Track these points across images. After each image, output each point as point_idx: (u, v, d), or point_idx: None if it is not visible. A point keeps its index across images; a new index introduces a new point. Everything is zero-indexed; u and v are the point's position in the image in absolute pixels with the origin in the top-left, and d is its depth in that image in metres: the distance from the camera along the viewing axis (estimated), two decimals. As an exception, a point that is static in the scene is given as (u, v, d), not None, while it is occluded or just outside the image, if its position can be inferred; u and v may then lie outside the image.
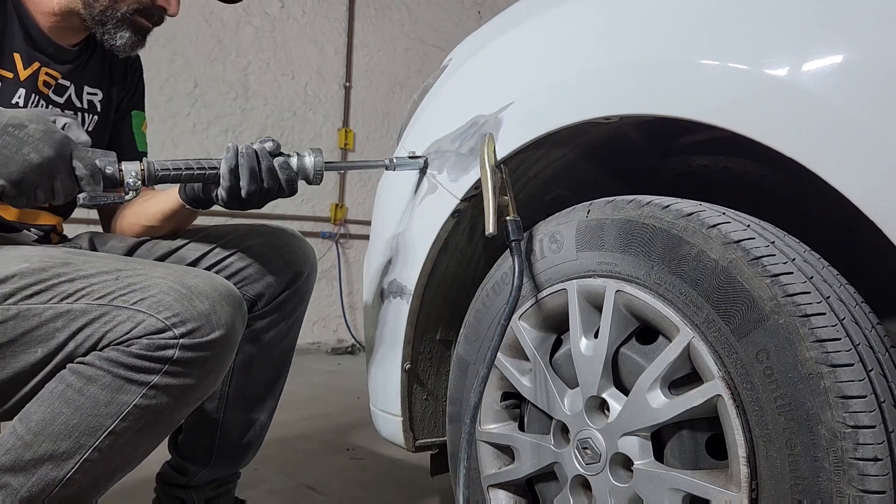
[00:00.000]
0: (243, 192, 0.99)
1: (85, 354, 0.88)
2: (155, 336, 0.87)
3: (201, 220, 1.27)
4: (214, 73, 3.75)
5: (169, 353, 0.87)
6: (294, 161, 1.03)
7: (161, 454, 1.29)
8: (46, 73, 1.15)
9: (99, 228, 1.37)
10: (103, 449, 0.88)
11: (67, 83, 1.19)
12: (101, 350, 0.88)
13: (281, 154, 1.03)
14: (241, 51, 3.86)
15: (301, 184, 1.05)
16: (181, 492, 1.27)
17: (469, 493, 1.05)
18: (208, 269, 1.21)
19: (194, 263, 1.20)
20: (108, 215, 1.35)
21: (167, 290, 0.89)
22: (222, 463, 1.26)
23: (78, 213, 1.30)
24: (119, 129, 1.33)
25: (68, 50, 1.19)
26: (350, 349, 4.11)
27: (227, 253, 1.22)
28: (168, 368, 0.87)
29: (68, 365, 0.89)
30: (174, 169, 0.98)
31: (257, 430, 1.27)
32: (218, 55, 3.76)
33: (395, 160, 1.14)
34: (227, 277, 1.19)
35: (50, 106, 1.17)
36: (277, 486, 1.65)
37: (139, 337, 0.87)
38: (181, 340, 0.87)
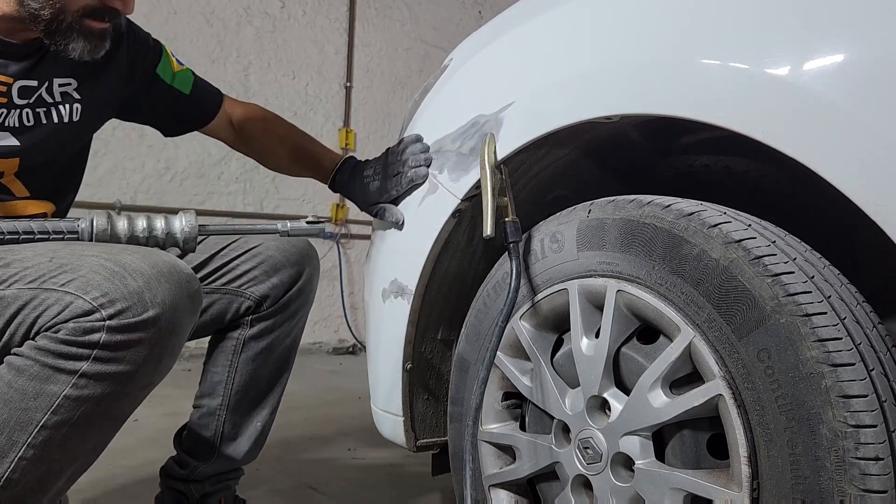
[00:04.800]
0: None
1: (20, 344, 0.83)
2: (81, 319, 0.80)
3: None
4: (215, 74, 3.75)
5: (95, 336, 0.79)
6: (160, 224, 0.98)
7: (166, 453, 1.30)
8: None
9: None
10: (38, 445, 0.82)
11: (33, 83, 1.08)
12: (32, 338, 0.82)
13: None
14: (242, 51, 3.86)
15: (302, 183, 1.03)
16: (181, 485, 1.28)
17: (476, 493, 1.05)
18: (214, 271, 1.22)
19: (199, 266, 1.21)
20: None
21: (97, 268, 0.82)
22: (224, 459, 1.27)
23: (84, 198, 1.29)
24: (158, 100, 1.28)
25: (21, 45, 1.06)
26: (351, 349, 4.11)
27: (233, 255, 1.22)
28: (97, 354, 0.80)
29: (5, 358, 0.83)
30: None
31: (259, 428, 1.28)
32: (219, 55, 3.76)
33: (289, 225, 1.07)
34: (234, 279, 1.20)
35: (8, 112, 1.05)
36: (279, 486, 1.65)
37: (66, 321, 0.80)
38: (107, 322, 0.79)
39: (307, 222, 1.07)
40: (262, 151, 1.40)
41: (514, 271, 0.95)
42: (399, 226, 1.15)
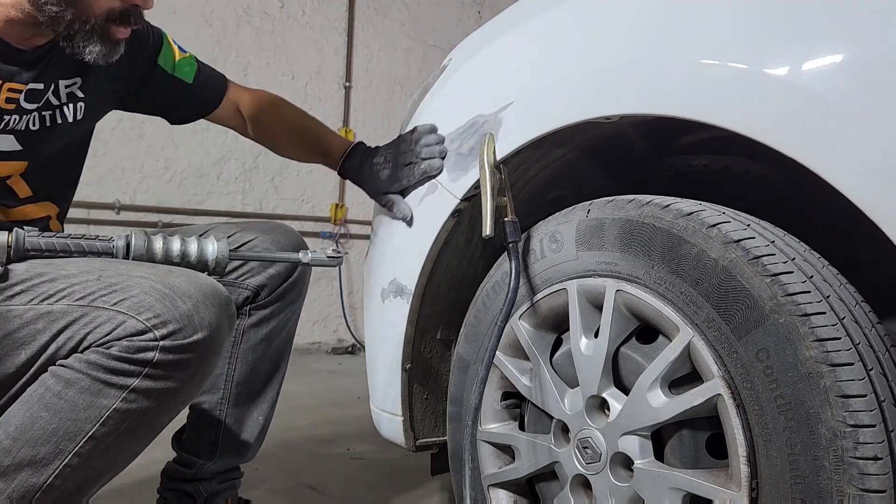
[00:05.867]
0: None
1: (66, 357, 0.86)
2: (135, 338, 0.84)
3: (199, 220, 1.28)
4: (214, 74, 3.75)
5: (149, 355, 0.84)
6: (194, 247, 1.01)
7: (165, 453, 1.30)
8: (9, 90, 1.02)
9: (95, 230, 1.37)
10: (83, 454, 0.86)
11: (40, 86, 1.07)
12: (81, 352, 0.85)
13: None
14: (242, 51, 3.86)
15: (301, 183, 1.04)
16: (188, 485, 1.28)
17: (475, 493, 1.05)
18: None
19: None
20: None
21: (149, 290, 0.86)
22: (228, 455, 1.28)
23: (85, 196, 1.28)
24: (160, 90, 1.27)
25: (30, 52, 1.04)
26: (350, 349, 4.11)
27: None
28: (148, 371, 0.85)
29: (50, 368, 0.87)
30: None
31: (260, 422, 1.29)
32: (218, 55, 3.76)
33: (310, 255, 1.10)
34: (231, 270, 1.21)
35: (20, 118, 1.04)
36: (278, 486, 1.65)
37: (119, 339, 0.84)
38: (161, 342, 0.84)
39: (328, 256, 1.11)
40: (271, 138, 1.40)
41: (513, 271, 0.95)
42: (408, 221, 1.15)
